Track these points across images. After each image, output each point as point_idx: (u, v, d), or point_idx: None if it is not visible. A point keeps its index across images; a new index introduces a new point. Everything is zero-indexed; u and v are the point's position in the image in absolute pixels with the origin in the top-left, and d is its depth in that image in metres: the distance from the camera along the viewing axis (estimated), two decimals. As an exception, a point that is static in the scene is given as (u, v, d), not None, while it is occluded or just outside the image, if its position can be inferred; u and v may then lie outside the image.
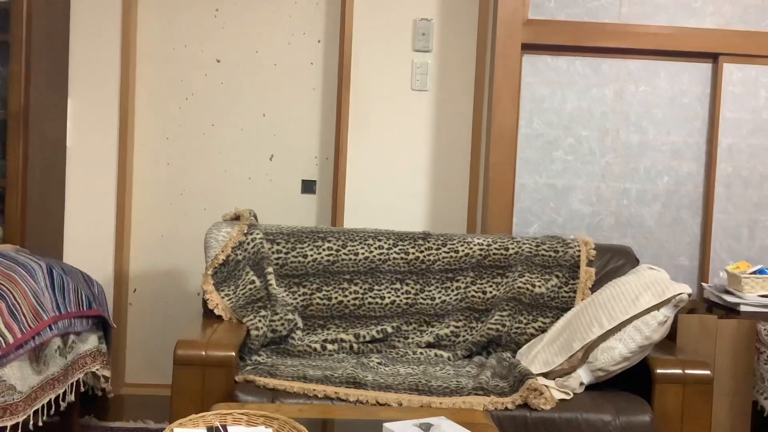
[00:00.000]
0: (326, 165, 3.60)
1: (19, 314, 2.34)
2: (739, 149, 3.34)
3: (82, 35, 3.45)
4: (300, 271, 2.90)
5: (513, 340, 2.84)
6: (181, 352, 2.34)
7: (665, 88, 3.34)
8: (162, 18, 3.54)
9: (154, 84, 3.56)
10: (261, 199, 3.60)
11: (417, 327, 2.89)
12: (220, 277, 2.80)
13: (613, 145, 3.36)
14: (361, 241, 2.94)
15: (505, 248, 2.94)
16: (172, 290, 3.60)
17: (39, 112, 3.16)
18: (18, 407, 2.27)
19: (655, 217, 3.36)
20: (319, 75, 3.58)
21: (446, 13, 3.51)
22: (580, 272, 2.90)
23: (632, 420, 2.34)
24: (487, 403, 2.33)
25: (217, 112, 3.57)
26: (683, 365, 2.43)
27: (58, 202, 3.42)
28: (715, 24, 3.31)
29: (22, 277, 2.47)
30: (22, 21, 3.00)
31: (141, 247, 3.59)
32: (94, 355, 2.87)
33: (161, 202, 3.59)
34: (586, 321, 2.56)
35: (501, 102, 3.28)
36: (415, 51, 3.52)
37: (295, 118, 3.59)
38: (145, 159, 3.57)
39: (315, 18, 3.57)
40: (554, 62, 3.33)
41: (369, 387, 2.39)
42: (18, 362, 2.29)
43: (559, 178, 3.36)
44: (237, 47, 3.56)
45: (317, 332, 2.86)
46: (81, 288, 2.79)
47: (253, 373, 2.43)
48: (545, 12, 3.30)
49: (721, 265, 3.33)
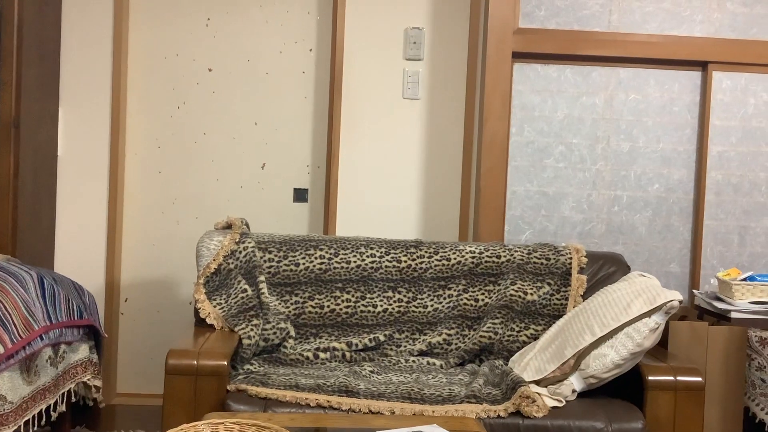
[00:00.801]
0: (318, 173, 3.60)
1: (10, 324, 2.32)
2: (728, 157, 3.36)
3: (73, 44, 3.44)
4: (292, 279, 2.89)
5: (505, 348, 2.84)
6: (173, 362, 2.33)
7: (655, 96, 3.36)
8: (153, 27, 3.54)
9: (146, 92, 3.56)
10: (253, 207, 3.60)
11: (409, 335, 2.88)
12: (212, 286, 2.80)
13: (604, 152, 3.37)
14: (353, 250, 2.94)
15: (497, 256, 2.95)
16: (163, 299, 3.59)
17: (30, 120, 3.15)
18: (8, 418, 2.26)
19: (646, 225, 3.38)
20: (311, 84, 3.59)
21: (437, 22, 3.53)
22: (571, 280, 2.90)
23: (624, 427, 2.34)
24: (479, 411, 2.33)
25: (209, 121, 3.57)
26: (675, 372, 2.44)
27: (49, 211, 3.41)
28: (704, 32, 3.33)
29: (12, 286, 2.45)
30: (13, 29, 2.99)
31: (132, 256, 3.58)
32: (86, 364, 2.85)
33: (153, 210, 3.58)
34: (578, 328, 2.56)
35: (492, 110, 3.29)
36: (406, 60, 3.53)
37: (287, 127, 3.59)
38: (137, 167, 3.57)
39: (307, 27, 3.58)
40: (545, 70, 3.35)
41: (361, 395, 2.39)
42: (8, 372, 2.28)
43: (550, 185, 3.37)
44: (229, 56, 3.57)
45: (309, 341, 2.85)
46: (72, 297, 2.78)
47: (245, 382, 2.43)
48: (535, 21, 3.32)
49: (711, 272, 3.35)
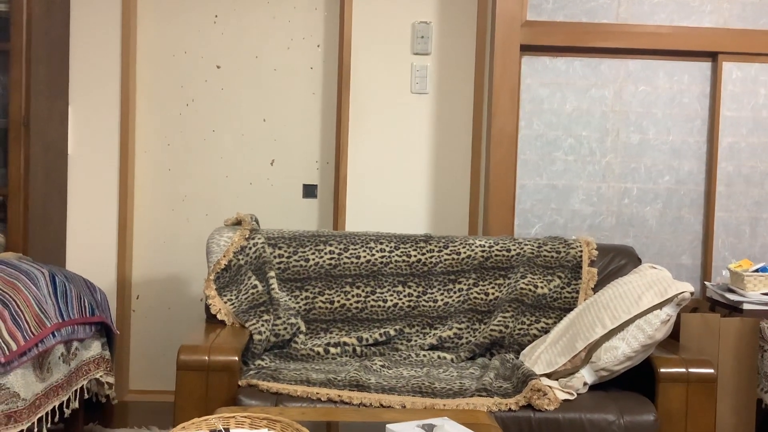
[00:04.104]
0: (327, 169, 3.61)
1: (23, 322, 2.34)
2: (739, 148, 3.34)
3: (82, 42, 3.46)
4: (302, 275, 2.90)
5: (516, 342, 2.83)
6: (185, 357, 2.34)
7: (665, 87, 3.34)
8: (162, 25, 3.55)
9: (155, 90, 3.57)
10: (262, 203, 3.60)
11: (420, 329, 2.88)
12: (223, 282, 2.80)
13: (614, 145, 3.36)
14: (362, 245, 2.94)
15: (507, 250, 2.94)
16: (174, 296, 3.61)
17: (40, 119, 3.17)
18: (22, 415, 2.27)
19: (657, 217, 3.36)
20: (319, 79, 3.59)
21: (445, 16, 3.52)
22: (582, 273, 2.90)
23: (636, 420, 2.34)
24: (490, 405, 2.32)
25: (217, 118, 3.58)
26: (687, 364, 2.43)
27: (60, 209, 3.42)
28: (714, 23, 3.31)
29: (24, 284, 2.47)
30: (22, 29, 3.01)
31: (143, 254, 3.59)
32: (98, 361, 2.87)
33: (163, 208, 3.59)
34: (589, 321, 2.56)
35: (500, 104, 3.28)
36: (414, 54, 3.53)
37: (296, 123, 3.60)
38: (147, 165, 3.58)
39: (314, 23, 3.58)
40: (553, 63, 3.34)
41: (372, 390, 2.39)
42: (21, 369, 2.29)
43: (559, 178, 3.36)
44: (237, 53, 3.57)
45: (320, 336, 2.86)
46: (84, 295, 2.79)
47: (257, 378, 2.43)
48: (543, 13, 3.30)
49: (723, 264, 3.33)
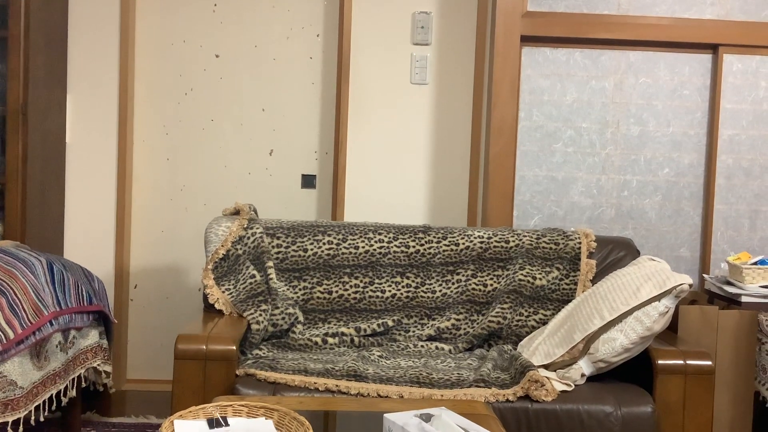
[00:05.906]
0: (326, 159, 3.60)
1: (20, 310, 2.33)
2: (739, 140, 3.33)
3: (80, 31, 3.44)
4: (300, 265, 2.89)
5: (514, 333, 2.83)
6: (182, 346, 2.34)
7: (665, 79, 3.33)
8: (160, 13, 3.53)
9: (153, 79, 3.55)
10: (261, 193, 3.60)
11: (418, 320, 2.88)
12: (221, 272, 2.80)
13: (614, 137, 3.35)
14: (361, 235, 2.93)
15: (505, 241, 2.94)
16: (172, 286, 3.60)
17: (38, 108, 3.16)
18: (19, 403, 2.27)
19: (656, 209, 3.36)
20: (318, 69, 3.58)
21: (445, 6, 3.50)
22: (581, 264, 2.89)
23: (634, 411, 2.34)
24: (488, 395, 2.32)
25: (216, 107, 3.57)
26: (685, 356, 2.43)
27: (58, 197, 3.42)
28: (715, 14, 3.30)
29: (22, 272, 2.46)
30: (20, 16, 2.99)
31: (141, 243, 3.59)
32: (95, 350, 2.87)
33: (161, 197, 3.58)
34: (587, 313, 2.55)
35: (500, 94, 3.27)
36: (414, 44, 3.51)
37: (295, 113, 3.58)
38: (145, 154, 3.57)
39: (314, 12, 3.56)
40: (553, 54, 3.33)
41: (370, 380, 2.39)
42: (19, 358, 2.29)
43: (559, 170, 3.35)
44: (236, 42, 3.56)
45: (318, 326, 2.85)
46: (81, 283, 2.79)
47: (254, 367, 2.43)
48: (544, 4, 3.29)
49: (722, 256, 3.33)
